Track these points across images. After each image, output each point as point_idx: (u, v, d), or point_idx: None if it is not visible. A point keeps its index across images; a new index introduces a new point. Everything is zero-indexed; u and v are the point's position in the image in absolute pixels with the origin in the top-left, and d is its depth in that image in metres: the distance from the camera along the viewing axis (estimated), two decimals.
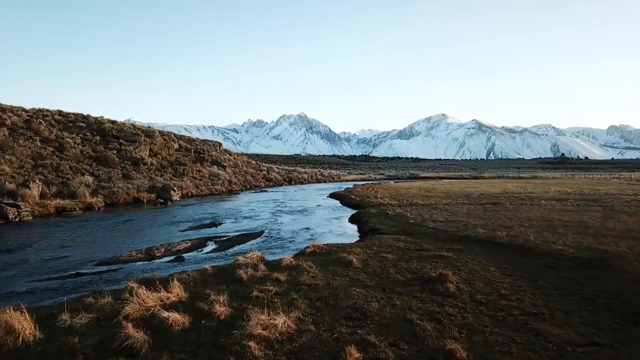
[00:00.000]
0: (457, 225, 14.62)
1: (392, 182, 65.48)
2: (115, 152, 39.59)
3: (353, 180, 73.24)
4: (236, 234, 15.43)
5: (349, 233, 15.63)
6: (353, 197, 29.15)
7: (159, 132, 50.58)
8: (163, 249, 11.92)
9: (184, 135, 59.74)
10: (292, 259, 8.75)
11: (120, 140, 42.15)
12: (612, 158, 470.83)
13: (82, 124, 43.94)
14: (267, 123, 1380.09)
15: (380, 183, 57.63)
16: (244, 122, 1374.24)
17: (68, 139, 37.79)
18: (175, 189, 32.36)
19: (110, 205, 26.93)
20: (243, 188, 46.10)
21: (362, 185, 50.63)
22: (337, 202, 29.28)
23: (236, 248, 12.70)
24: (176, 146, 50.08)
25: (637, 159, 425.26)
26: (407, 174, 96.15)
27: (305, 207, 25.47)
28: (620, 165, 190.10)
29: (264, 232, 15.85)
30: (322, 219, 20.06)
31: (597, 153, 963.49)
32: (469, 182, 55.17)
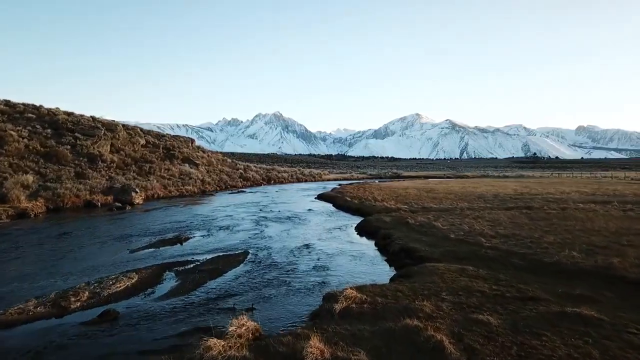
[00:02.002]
0: (521, 242, 10.44)
1: (376, 181, 61.72)
2: (69, 147, 34.03)
3: (335, 180, 69.14)
4: (209, 256, 10.82)
5: (370, 255, 11.20)
6: (348, 199, 24.80)
7: (123, 126, 45.10)
8: (87, 293, 7.27)
9: (152, 131, 54.16)
10: (319, 343, 4.28)
11: (76, 134, 36.55)
12: (582, 157, 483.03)
13: (31, 115, 38.09)
14: (242, 122, 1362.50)
15: (366, 182, 53.61)
16: (219, 121, 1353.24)
17: (11, 132, 32.08)
18: (137, 190, 27.35)
19: (54, 210, 21.86)
20: (218, 188, 41.24)
21: (349, 185, 46.50)
22: (329, 206, 24.89)
23: (209, 286, 8.13)
24: (143, 142, 44.66)
25: (605, 158, 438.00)
26: (390, 173, 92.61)
27: (295, 212, 20.97)
28: (592, 165, 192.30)
29: (248, 253, 11.27)
30: (320, 229, 15.59)
31: (566, 152, 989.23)
32: (462, 181, 51.69)
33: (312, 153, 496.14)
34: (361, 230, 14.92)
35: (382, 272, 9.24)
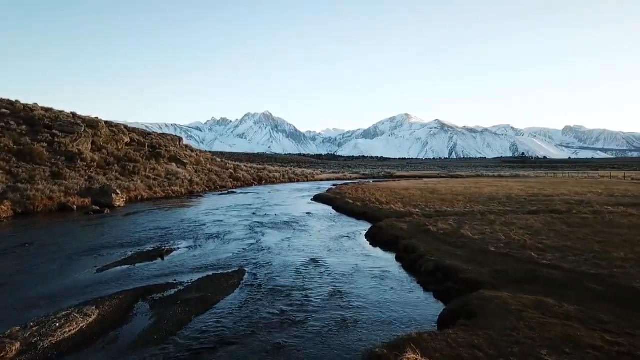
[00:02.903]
0: (583, 259, 8.42)
1: (371, 181, 59.79)
2: (45, 145, 31.43)
3: (328, 180, 67.08)
4: (195, 276, 8.65)
5: (395, 274, 9.02)
6: (350, 201, 22.72)
7: (106, 123, 42.53)
8: (19, 344, 5.06)
9: (137, 129, 51.50)
10: None
11: (54, 131, 33.94)
12: (569, 157, 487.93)
13: (5, 110, 35.33)
14: (231, 121, 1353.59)
15: (361, 182, 51.52)
16: (208, 121, 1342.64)
17: None
18: (118, 191, 24.98)
19: (23, 215, 19.46)
20: (207, 189, 38.90)
21: (344, 185, 44.44)
22: (329, 208, 22.80)
23: (194, 326, 5.95)
24: (127, 140, 42.13)
25: (592, 158, 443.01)
26: (383, 173, 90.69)
27: (292, 217, 18.84)
28: (581, 164, 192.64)
29: (244, 272, 9.10)
30: (326, 237, 13.46)
31: (554, 152, 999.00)
32: (460, 181, 49.91)
33: (301, 153, 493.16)
34: (374, 239, 12.82)
35: (421, 302, 7.14)
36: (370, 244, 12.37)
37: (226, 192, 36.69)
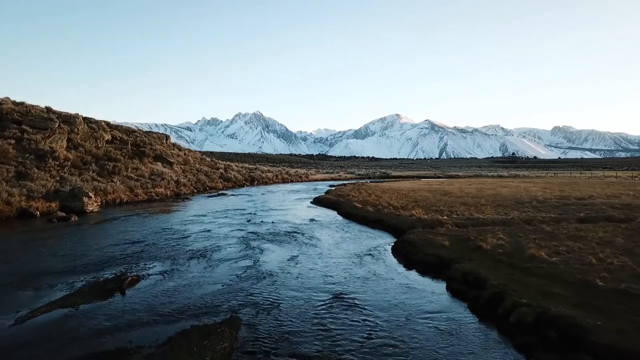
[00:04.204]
0: None
1: (368, 181, 56.98)
2: (12, 142, 28.05)
3: (323, 180, 64.16)
4: (164, 332, 5.61)
5: (467, 323, 5.94)
6: (358, 205, 19.73)
7: (85, 119, 39.10)
8: None
9: (121, 126, 47.97)
10: None
11: (24, 127, 30.48)
12: (559, 157, 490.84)
13: None
14: (221, 121, 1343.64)
15: (359, 183, 48.49)
16: (198, 121, 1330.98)
17: None
18: (91, 194, 21.74)
19: None
20: (195, 190, 35.75)
21: (342, 185, 41.49)
22: (334, 214, 19.83)
23: None
24: (108, 137, 38.72)
25: (582, 158, 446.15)
26: (379, 173, 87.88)
27: (294, 225, 15.82)
28: (572, 164, 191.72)
29: (239, 321, 5.99)
30: (342, 256, 10.40)
31: (543, 152, 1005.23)
32: (466, 182, 47.21)
33: (292, 153, 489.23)
34: (407, 259, 9.81)
35: None
36: (404, 267, 9.35)
37: (216, 193, 33.53)
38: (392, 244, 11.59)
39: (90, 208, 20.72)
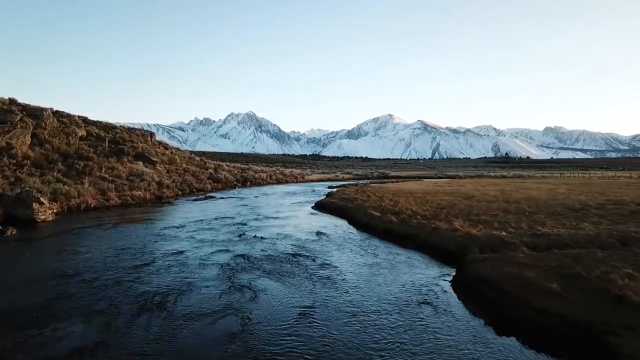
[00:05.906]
0: None
1: (368, 182, 53.27)
2: None
3: (319, 181, 60.28)
4: None
5: None
6: (375, 213, 15.83)
7: (56, 113, 34.90)
8: None
9: (100, 121, 43.63)
10: None
11: None
12: (551, 157, 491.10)
13: None
14: (214, 121, 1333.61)
15: (360, 184, 44.46)
16: (191, 120, 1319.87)
17: None
18: (44, 200, 17.66)
19: None
20: (179, 192, 31.71)
21: (342, 187, 37.66)
22: (343, 223, 16.00)
23: None
24: (82, 133, 34.53)
25: (574, 158, 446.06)
26: (377, 174, 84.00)
27: (298, 242, 11.96)
28: (567, 164, 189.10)
29: None
30: (383, 307, 6.53)
31: (535, 153, 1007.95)
32: (475, 182, 43.55)
33: (286, 153, 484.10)
34: (493, 314, 5.96)
35: None
36: (494, 332, 5.51)
37: (203, 196, 29.49)
38: (451, 280, 7.76)
39: (43, 217, 16.69)
